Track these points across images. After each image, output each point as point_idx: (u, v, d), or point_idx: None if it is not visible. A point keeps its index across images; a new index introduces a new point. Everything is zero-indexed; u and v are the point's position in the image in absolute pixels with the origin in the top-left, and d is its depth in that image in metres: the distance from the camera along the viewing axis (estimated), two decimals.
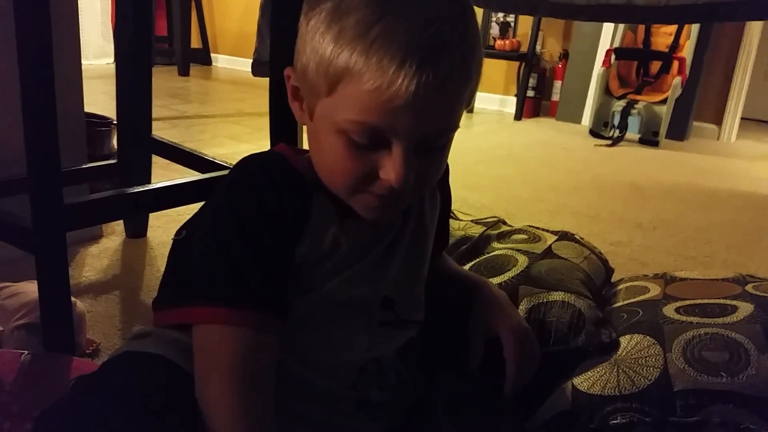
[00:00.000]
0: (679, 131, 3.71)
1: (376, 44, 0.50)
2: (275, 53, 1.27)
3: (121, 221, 1.55)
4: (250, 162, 0.62)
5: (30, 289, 1.00)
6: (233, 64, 5.23)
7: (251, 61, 1.57)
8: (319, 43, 0.54)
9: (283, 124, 1.29)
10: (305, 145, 0.71)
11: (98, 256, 1.41)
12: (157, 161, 1.49)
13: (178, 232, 0.66)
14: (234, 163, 0.62)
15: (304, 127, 0.63)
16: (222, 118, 3.26)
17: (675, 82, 3.46)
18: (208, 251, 0.58)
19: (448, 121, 0.57)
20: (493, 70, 4.38)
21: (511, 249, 1.04)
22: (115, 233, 1.54)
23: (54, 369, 0.84)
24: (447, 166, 0.76)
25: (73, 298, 0.95)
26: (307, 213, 0.60)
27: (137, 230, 1.53)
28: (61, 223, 0.88)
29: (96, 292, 1.24)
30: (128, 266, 1.39)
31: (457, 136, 0.62)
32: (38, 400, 0.76)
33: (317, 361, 0.63)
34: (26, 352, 0.84)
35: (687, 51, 3.55)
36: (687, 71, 3.52)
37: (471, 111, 4.22)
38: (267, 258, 0.57)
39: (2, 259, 1.16)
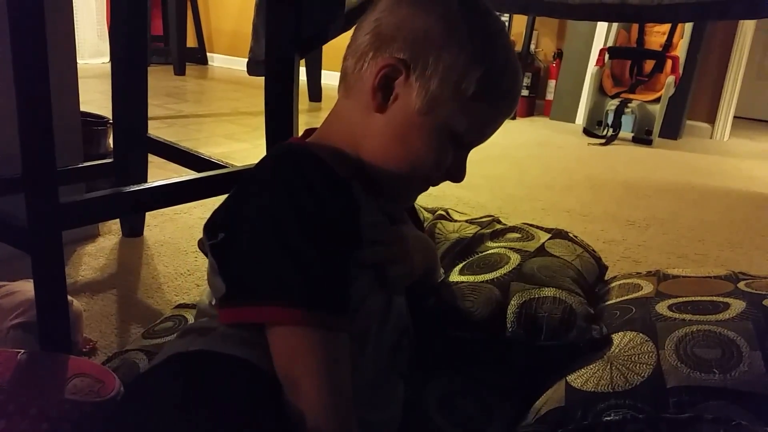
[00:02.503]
0: (672, 130, 3.72)
1: (500, 91, 0.69)
2: (270, 52, 1.28)
3: (118, 220, 1.56)
4: (285, 158, 0.62)
5: (26, 288, 1.00)
6: (229, 63, 5.23)
7: (246, 60, 1.57)
8: (464, 69, 0.65)
9: (278, 123, 1.29)
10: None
11: (95, 255, 1.42)
12: (154, 160, 1.49)
13: (214, 235, 0.63)
14: (229, 161, 0.63)
15: (303, 124, 0.67)
16: (218, 117, 3.26)
17: (668, 81, 3.48)
18: (272, 251, 0.57)
19: None
20: None
21: (504, 247, 1.05)
22: (111, 232, 1.55)
23: (51, 368, 0.84)
24: None
25: (69, 297, 0.96)
26: (356, 205, 0.62)
27: (134, 229, 1.53)
28: (57, 222, 0.88)
29: (92, 290, 1.25)
30: (125, 265, 1.39)
31: None
32: (35, 399, 0.76)
33: (361, 332, 0.65)
34: (23, 351, 0.84)
35: (680, 50, 3.57)
36: (680, 70, 3.54)
37: None
38: (333, 256, 0.58)
39: None
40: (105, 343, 1.07)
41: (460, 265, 1.02)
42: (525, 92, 4.19)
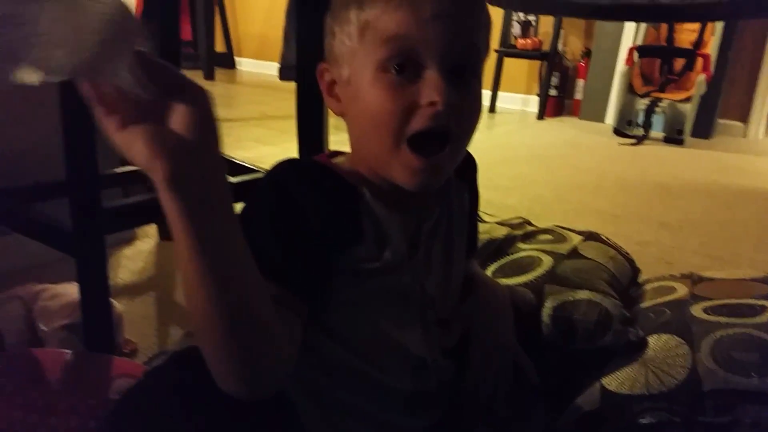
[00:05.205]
0: (704, 129, 3.67)
1: None
2: (301, 56, 1.30)
3: (154, 224, 1.59)
4: (284, 162, 0.64)
5: (70, 290, 1.04)
6: (257, 67, 5.29)
7: (278, 66, 1.60)
8: (345, 14, 0.61)
9: (310, 126, 1.32)
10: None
11: (133, 258, 1.45)
12: None
13: None
14: (260, 165, 0.64)
15: (332, 127, 0.66)
16: (246, 122, 3.30)
17: (699, 80, 3.43)
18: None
19: (469, 40, 0.61)
20: (515, 69, 4.36)
21: (536, 249, 1.05)
22: (148, 236, 1.58)
23: (96, 368, 0.87)
24: (475, 163, 0.78)
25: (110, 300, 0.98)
26: (354, 212, 0.62)
27: (170, 232, 1.56)
28: (101, 226, 0.91)
29: (132, 293, 1.28)
30: (162, 268, 1.43)
31: (479, 135, 0.64)
32: (83, 398, 0.79)
33: (374, 354, 0.65)
34: (69, 351, 0.87)
35: (712, 47, 3.51)
36: (712, 68, 3.48)
37: (493, 111, 4.21)
38: (294, 245, 0.58)
39: (40, 261, 1.20)
40: (145, 344, 1.10)
41: (493, 267, 1.03)
42: (553, 92, 4.17)
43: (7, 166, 1.29)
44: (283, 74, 1.42)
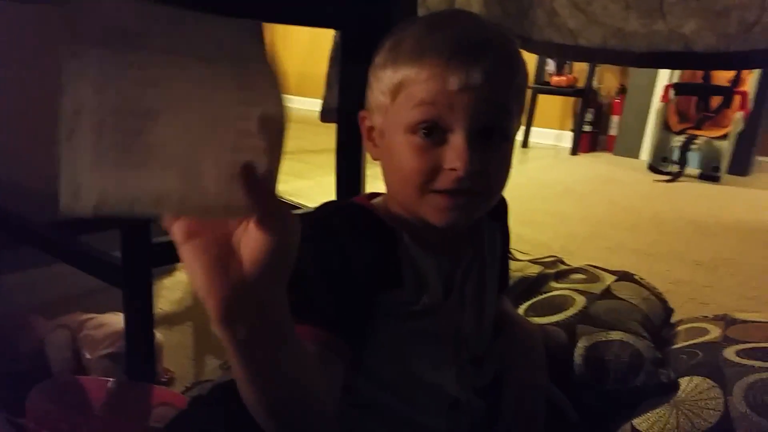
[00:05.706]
0: (741, 166, 3.62)
1: (427, 53, 0.60)
2: (342, 102, 1.34)
3: None
4: (329, 207, 0.67)
5: (113, 320, 1.08)
6: (296, 103, 5.37)
7: (319, 103, 1.65)
8: (382, 72, 0.64)
9: (348, 166, 1.35)
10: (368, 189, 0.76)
11: (171, 288, 1.50)
12: None
13: None
14: (296, 199, 0.66)
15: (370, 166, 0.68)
16: (284, 156, 3.36)
17: (737, 117, 3.40)
18: (296, 290, 0.62)
19: (499, 105, 0.62)
20: (549, 104, 4.38)
21: (569, 289, 1.06)
22: None
23: (137, 396, 0.91)
24: (506, 203, 0.80)
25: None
26: (394, 256, 0.65)
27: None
28: (150, 260, 0.95)
29: (170, 323, 1.32)
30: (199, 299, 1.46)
31: (512, 171, 0.66)
32: (125, 425, 0.83)
33: (409, 394, 0.67)
34: (112, 379, 0.91)
35: (750, 84, 3.49)
36: (750, 105, 3.45)
37: (526, 145, 4.23)
38: (342, 292, 0.61)
39: (81, 290, 1.25)
40: (182, 373, 1.13)
41: (525, 306, 1.04)
42: (587, 128, 4.17)
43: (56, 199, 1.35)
44: (324, 116, 1.48)
